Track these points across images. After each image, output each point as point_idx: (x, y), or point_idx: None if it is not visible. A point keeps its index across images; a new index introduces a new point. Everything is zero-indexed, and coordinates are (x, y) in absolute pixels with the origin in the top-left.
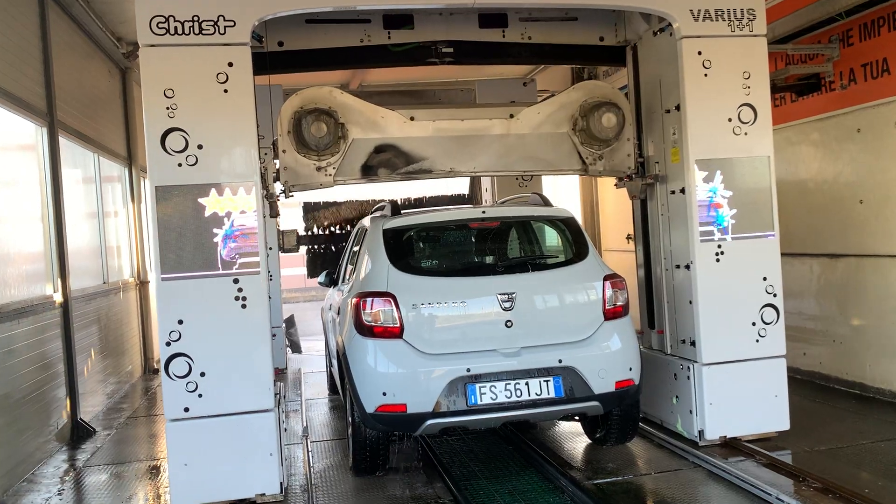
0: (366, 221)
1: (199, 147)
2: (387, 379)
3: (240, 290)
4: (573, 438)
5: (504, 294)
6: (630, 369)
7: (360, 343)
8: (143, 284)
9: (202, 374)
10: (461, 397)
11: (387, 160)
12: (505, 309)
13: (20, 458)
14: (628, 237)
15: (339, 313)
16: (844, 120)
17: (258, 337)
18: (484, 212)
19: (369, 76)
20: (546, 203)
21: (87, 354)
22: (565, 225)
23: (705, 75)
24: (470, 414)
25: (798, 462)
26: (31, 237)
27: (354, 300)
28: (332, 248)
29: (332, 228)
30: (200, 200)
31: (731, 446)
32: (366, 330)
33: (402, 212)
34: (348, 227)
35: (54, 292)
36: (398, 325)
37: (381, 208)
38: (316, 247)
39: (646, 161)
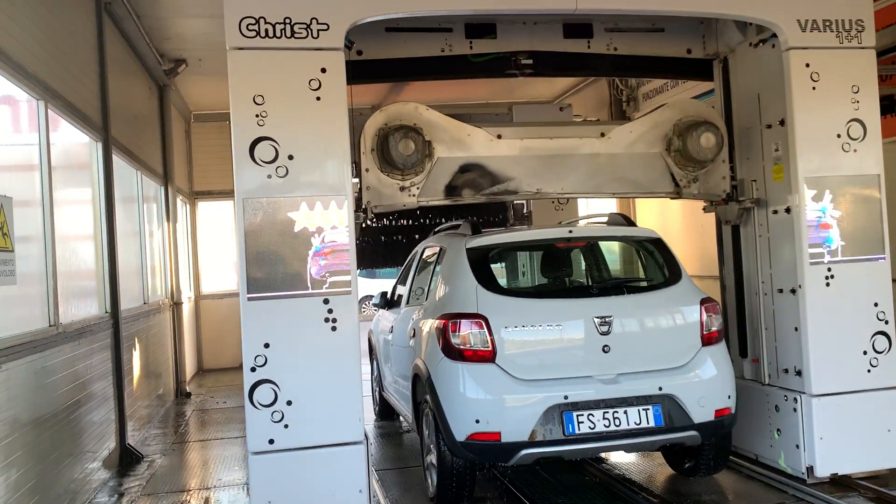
0: (432, 242)
1: (290, 158)
2: (480, 405)
3: (330, 311)
4: (653, 468)
5: (600, 317)
6: (728, 397)
7: (449, 367)
8: (176, 305)
9: (289, 403)
10: (557, 426)
11: (471, 180)
12: (602, 333)
13: (74, 487)
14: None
15: (413, 336)
16: None
17: (348, 362)
18: (571, 231)
19: (403, 96)
20: (630, 223)
21: (130, 377)
22: (654, 246)
23: (813, 88)
24: (567, 444)
25: None
26: (86, 255)
27: (440, 322)
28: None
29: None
30: (290, 215)
31: (839, 483)
32: (455, 353)
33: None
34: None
35: (106, 312)
36: (490, 348)
37: (455, 227)
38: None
39: (740, 183)
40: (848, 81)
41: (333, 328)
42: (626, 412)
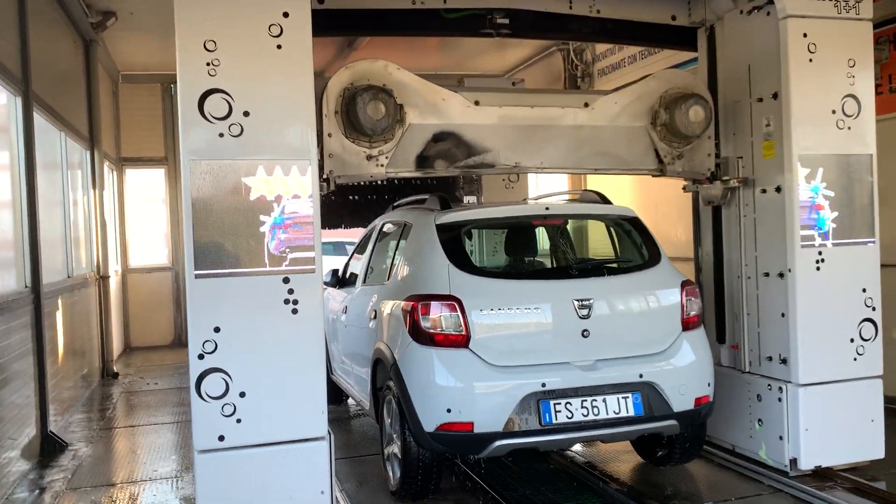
0: (393, 217)
1: (246, 115)
2: (451, 394)
3: (290, 291)
4: (620, 456)
5: (580, 300)
6: (708, 384)
7: (418, 353)
8: (103, 279)
9: (242, 395)
10: (534, 415)
11: (446, 151)
12: (582, 317)
13: None
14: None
15: (373, 318)
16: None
17: (311, 349)
18: (547, 208)
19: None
20: (605, 200)
21: (54, 357)
22: (632, 225)
23: (810, 60)
24: (544, 434)
25: None
26: (3, 224)
27: (407, 304)
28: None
29: None
30: (246, 180)
31: (820, 475)
32: (425, 338)
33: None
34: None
35: (26, 286)
36: (463, 332)
37: (419, 201)
38: None
39: (724, 161)
40: (844, 54)
41: (294, 311)
42: (604, 400)
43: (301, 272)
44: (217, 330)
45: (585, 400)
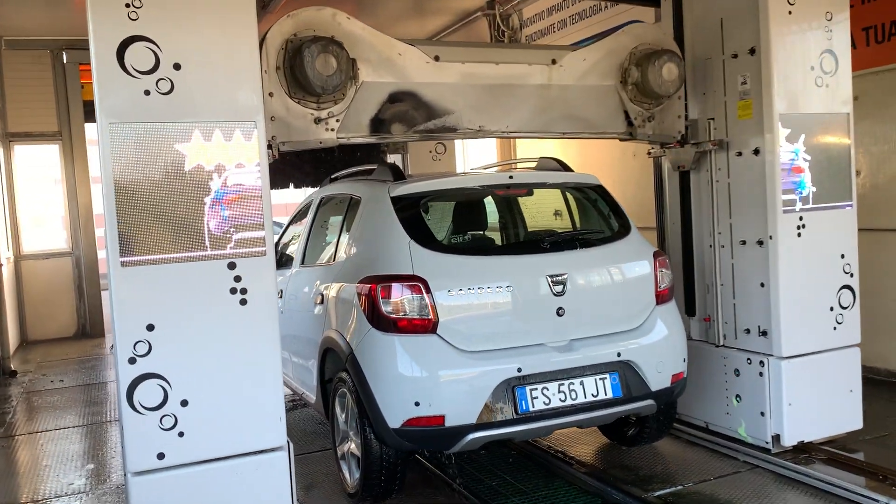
0: (335, 190)
1: (177, 67)
2: (420, 385)
3: (237, 278)
4: (585, 438)
5: (554, 276)
6: (683, 360)
7: (379, 341)
8: None
9: (184, 404)
10: (509, 404)
11: (403, 113)
12: (556, 294)
13: None
14: (556, 213)
15: (320, 303)
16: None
17: (265, 346)
18: (511, 177)
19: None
20: (566, 168)
21: None
22: (598, 194)
23: (789, 13)
24: (520, 423)
25: (880, 462)
26: None
27: (364, 287)
28: None
29: None
30: (179, 147)
31: (799, 449)
32: (386, 324)
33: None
34: None
35: None
36: (431, 316)
37: (365, 172)
38: None
39: (693, 124)
40: (822, 7)
41: (243, 301)
42: (582, 383)
43: (249, 255)
44: (151, 328)
45: (563, 384)
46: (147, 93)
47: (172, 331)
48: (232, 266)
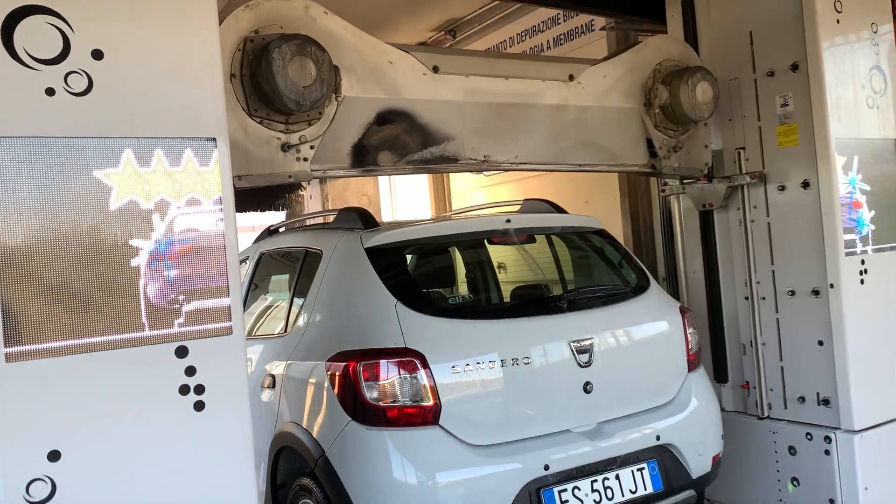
0: (287, 244)
1: (97, 56)
2: (421, 497)
3: (190, 370)
4: None
5: (579, 342)
6: (722, 437)
7: (365, 439)
8: None
9: None
10: None
11: (394, 138)
12: (582, 365)
13: None
14: (556, 263)
15: (271, 387)
16: None
17: (232, 472)
18: (508, 220)
19: None
20: (559, 210)
21: None
22: (604, 239)
23: (837, 21)
24: None
25: None
26: None
27: (341, 365)
28: None
29: None
30: (100, 175)
31: None
32: (373, 415)
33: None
34: None
35: None
36: (431, 402)
37: (328, 218)
38: None
39: (719, 155)
40: (867, 17)
41: (199, 405)
42: (618, 477)
43: (208, 335)
44: (55, 457)
45: (596, 480)
46: (51, 92)
47: (89, 460)
48: (182, 353)
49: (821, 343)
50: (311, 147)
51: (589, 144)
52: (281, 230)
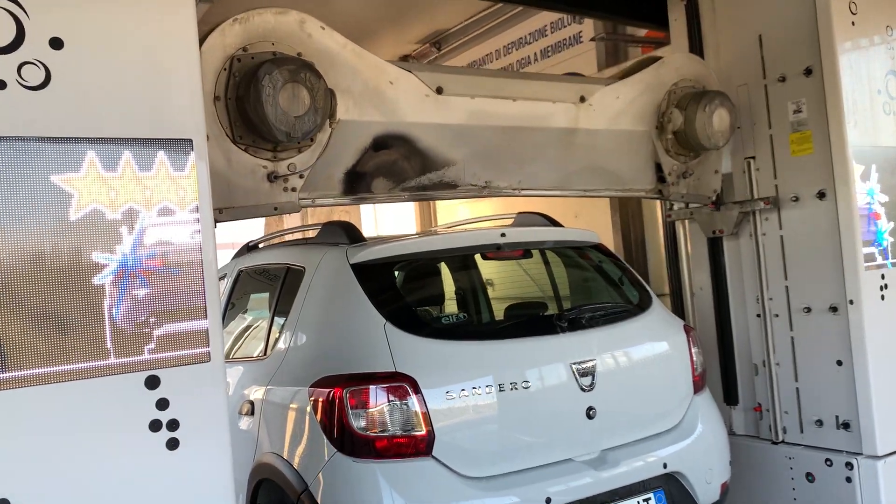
0: (261, 260)
1: (56, 45)
2: None
3: (162, 404)
4: None
5: (580, 364)
6: (730, 463)
7: (352, 472)
8: None
9: None
10: None
11: (390, 164)
12: (584, 388)
13: None
14: (551, 280)
15: (249, 413)
16: None
17: None
18: (503, 234)
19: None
20: (555, 223)
21: None
22: (603, 253)
23: (853, 24)
24: None
25: None
26: None
27: (326, 391)
28: None
29: None
30: (58, 180)
31: None
32: (360, 446)
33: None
34: None
35: None
36: (424, 431)
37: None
38: None
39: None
40: (882, 18)
41: (172, 443)
42: None
43: (182, 363)
44: None
45: None
46: (1, 85)
47: None
48: (153, 383)
49: (839, 363)
50: (301, 176)
51: (596, 169)
52: (261, 246)
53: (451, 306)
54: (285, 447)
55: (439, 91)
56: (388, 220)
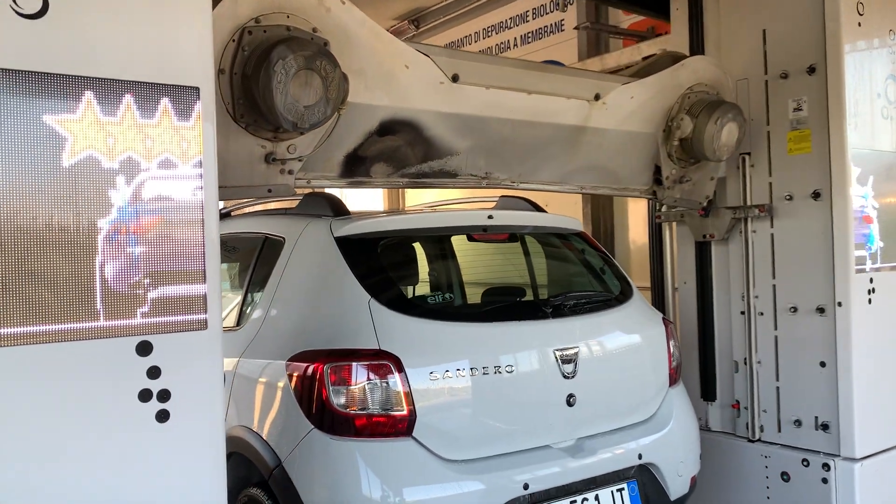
0: (239, 228)
1: None
2: None
3: (154, 372)
4: None
5: (563, 351)
6: (700, 456)
7: (329, 450)
8: None
9: None
10: None
11: (393, 150)
12: (566, 375)
13: None
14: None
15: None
16: None
17: (202, 500)
18: (491, 216)
19: None
20: (538, 208)
21: None
22: (585, 241)
23: (859, 24)
24: None
25: None
26: None
27: (306, 366)
28: None
29: None
30: (51, 121)
31: None
32: (339, 424)
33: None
34: None
35: None
36: (405, 411)
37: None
38: None
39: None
40: (886, 22)
41: (162, 415)
42: (597, 498)
43: (177, 329)
44: None
45: (575, 500)
46: None
47: (15, 482)
48: (144, 349)
49: (823, 364)
50: (300, 159)
51: (596, 167)
52: (233, 214)
53: (436, 286)
54: (256, 421)
55: (455, 79)
56: (354, 198)
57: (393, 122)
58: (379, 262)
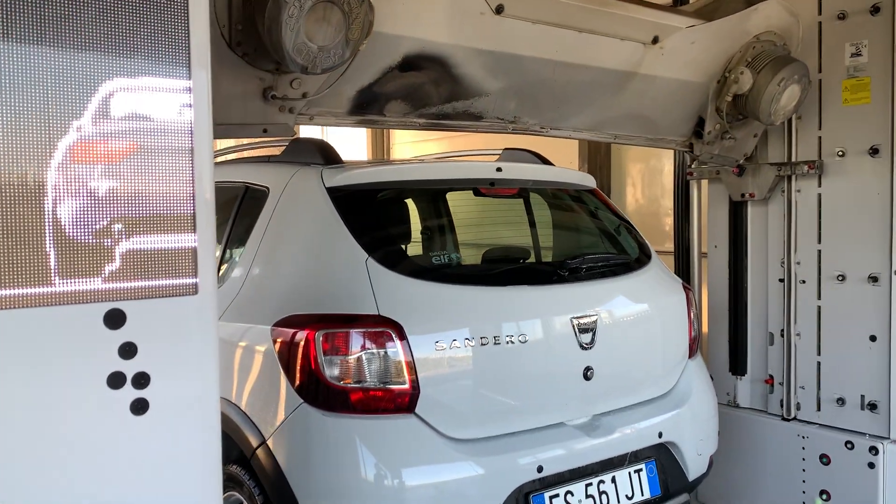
0: (217, 174)
1: None
2: (386, 502)
3: (128, 350)
4: None
5: (580, 319)
6: (718, 433)
7: (321, 427)
8: None
9: None
10: None
11: (414, 88)
12: (584, 346)
13: None
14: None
15: None
16: None
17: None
18: (499, 168)
19: None
20: (545, 161)
21: None
22: (599, 200)
23: None
24: None
25: None
26: None
27: (295, 333)
28: None
29: None
30: None
31: None
32: (333, 398)
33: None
34: None
35: None
36: (407, 385)
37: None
38: None
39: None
40: None
41: (138, 406)
42: (614, 480)
43: (157, 294)
44: None
45: (590, 483)
46: None
47: None
48: (115, 320)
49: (873, 338)
50: (304, 94)
51: (636, 116)
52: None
53: (441, 244)
54: (235, 392)
55: (499, 10)
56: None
57: (419, 56)
58: (377, 216)
